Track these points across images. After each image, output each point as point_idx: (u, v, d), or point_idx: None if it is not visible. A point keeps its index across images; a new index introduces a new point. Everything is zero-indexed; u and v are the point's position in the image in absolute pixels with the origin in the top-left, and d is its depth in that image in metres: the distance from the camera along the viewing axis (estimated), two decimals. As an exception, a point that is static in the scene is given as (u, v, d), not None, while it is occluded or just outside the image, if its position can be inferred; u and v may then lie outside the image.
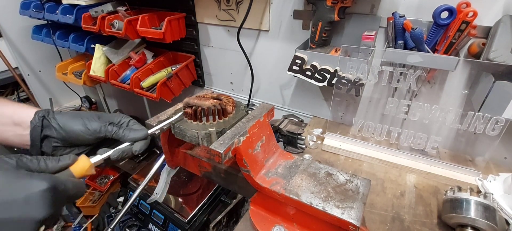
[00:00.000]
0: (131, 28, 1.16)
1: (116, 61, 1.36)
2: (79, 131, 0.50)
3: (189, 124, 0.56)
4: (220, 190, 1.30)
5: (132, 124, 0.54)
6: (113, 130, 0.51)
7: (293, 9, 1.00)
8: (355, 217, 0.47)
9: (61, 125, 0.49)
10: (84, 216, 1.78)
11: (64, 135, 0.49)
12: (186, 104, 0.57)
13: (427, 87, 0.86)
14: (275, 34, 1.10)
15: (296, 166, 0.59)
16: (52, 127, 0.49)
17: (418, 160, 0.82)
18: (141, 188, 0.58)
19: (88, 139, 0.51)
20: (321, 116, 1.15)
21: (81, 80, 1.55)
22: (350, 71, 0.80)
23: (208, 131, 0.54)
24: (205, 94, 0.60)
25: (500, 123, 0.66)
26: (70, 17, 1.31)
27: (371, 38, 0.80)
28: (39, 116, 0.50)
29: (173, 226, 1.21)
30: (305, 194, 0.52)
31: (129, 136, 0.51)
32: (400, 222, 0.66)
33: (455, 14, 0.69)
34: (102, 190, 1.76)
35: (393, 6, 0.84)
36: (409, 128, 0.82)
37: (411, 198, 0.73)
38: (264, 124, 0.60)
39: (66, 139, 0.50)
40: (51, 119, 0.50)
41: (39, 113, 0.50)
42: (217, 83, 1.43)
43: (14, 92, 1.96)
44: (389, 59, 0.78)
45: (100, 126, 0.51)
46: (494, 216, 0.57)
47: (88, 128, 0.50)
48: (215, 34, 1.26)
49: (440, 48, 0.76)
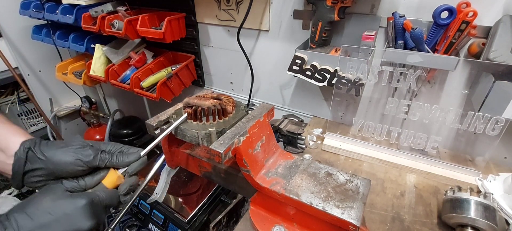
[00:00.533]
0: (131, 28, 1.16)
1: (116, 61, 1.36)
2: (69, 162, 0.47)
3: (189, 124, 0.56)
4: (220, 190, 1.30)
5: (126, 149, 0.54)
6: (107, 158, 0.51)
7: (293, 9, 1.00)
8: (355, 217, 0.47)
9: (48, 156, 0.47)
10: (84, 216, 1.78)
11: (51, 168, 0.47)
12: (186, 104, 0.57)
13: (427, 87, 0.86)
14: (275, 34, 1.10)
15: (296, 166, 0.59)
16: (38, 160, 0.47)
17: (418, 160, 0.82)
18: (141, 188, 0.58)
19: (78, 170, 0.49)
20: (321, 116, 1.15)
21: (81, 80, 1.55)
22: (350, 71, 0.80)
23: (208, 131, 0.54)
24: (205, 94, 0.60)
25: (500, 122, 0.66)
26: (70, 17, 1.31)
27: (371, 38, 0.80)
28: (25, 147, 0.47)
29: (173, 226, 1.21)
30: (305, 194, 0.52)
31: (124, 161, 0.52)
32: (400, 222, 0.66)
33: (455, 14, 0.69)
34: (102, 190, 1.76)
35: (393, 6, 0.84)
36: (409, 127, 0.82)
37: (411, 198, 0.73)
38: (264, 123, 0.60)
39: (53, 172, 0.48)
40: (37, 151, 0.47)
41: (25, 144, 0.47)
42: (217, 83, 1.43)
43: (14, 92, 1.95)
44: (389, 59, 0.78)
45: (93, 155, 0.49)
46: (494, 216, 0.57)
47: (81, 158, 0.48)
48: (215, 34, 1.26)
49: (440, 48, 0.76)
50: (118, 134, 1.80)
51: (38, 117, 2.08)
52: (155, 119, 0.59)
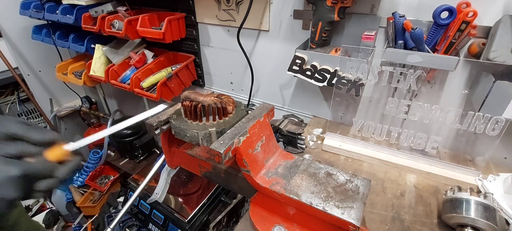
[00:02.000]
0: (131, 28, 1.16)
1: (116, 61, 1.36)
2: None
3: (189, 124, 0.56)
4: (220, 190, 1.30)
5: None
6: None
7: (293, 9, 1.00)
8: (355, 217, 0.47)
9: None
10: (84, 216, 1.78)
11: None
12: (186, 98, 0.57)
13: (427, 87, 0.86)
14: (275, 34, 1.10)
15: (296, 166, 0.59)
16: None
17: (418, 160, 0.82)
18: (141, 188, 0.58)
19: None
20: (321, 116, 1.15)
21: (81, 80, 1.55)
22: (350, 71, 0.80)
23: (208, 131, 0.54)
24: (206, 94, 0.60)
25: (500, 122, 0.66)
26: (70, 17, 1.31)
27: (371, 38, 0.80)
28: None
29: (173, 226, 1.21)
30: (305, 194, 0.52)
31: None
32: (400, 222, 0.66)
33: (455, 14, 0.69)
34: (102, 190, 1.76)
35: (393, 6, 0.84)
36: (409, 128, 0.82)
37: (411, 198, 0.73)
38: (264, 124, 0.60)
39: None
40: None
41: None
42: (217, 83, 1.43)
43: (14, 93, 1.95)
44: (389, 59, 0.78)
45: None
46: (494, 216, 0.57)
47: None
48: (215, 34, 1.26)
49: (440, 48, 0.76)
50: (118, 134, 1.80)
51: (38, 117, 2.08)
52: (155, 118, 0.59)
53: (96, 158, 1.86)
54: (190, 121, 0.57)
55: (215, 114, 0.56)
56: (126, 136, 1.76)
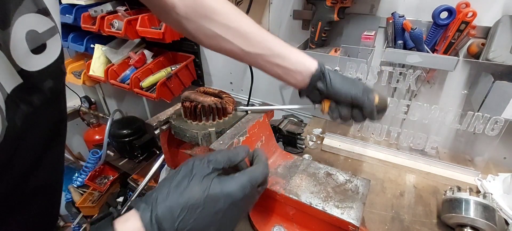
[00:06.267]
0: (131, 28, 1.16)
1: (116, 61, 1.36)
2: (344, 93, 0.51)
3: (188, 124, 0.56)
4: (219, 190, 1.30)
5: None
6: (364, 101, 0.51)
7: (293, 9, 1.00)
8: (355, 217, 0.47)
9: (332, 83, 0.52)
10: (83, 216, 1.78)
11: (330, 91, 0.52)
12: (186, 99, 0.57)
13: (426, 87, 0.86)
14: (274, 34, 1.10)
15: (295, 166, 0.59)
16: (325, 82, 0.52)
17: (417, 160, 0.82)
18: (141, 188, 0.58)
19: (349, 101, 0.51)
20: (320, 116, 1.15)
21: (80, 80, 1.54)
22: (349, 71, 0.80)
23: (208, 131, 0.54)
24: (205, 89, 0.60)
25: (500, 122, 0.66)
26: (69, 16, 1.31)
27: (371, 38, 0.80)
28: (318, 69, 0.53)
29: (172, 226, 1.21)
30: (304, 194, 0.52)
31: None
32: (399, 222, 0.66)
33: (455, 14, 0.69)
34: (101, 190, 1.76)
35: (392, 6, 0.84)
36: (409, 127, 0.82)
37: (411, 198, 0.73)
38: (264, 124, 0.60)
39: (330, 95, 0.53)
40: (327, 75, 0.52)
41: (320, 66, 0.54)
42: (216, 83, 1.42)
43: (14, 92, 1.95)
44: (388, 59, 0.78)
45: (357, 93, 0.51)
46: (493, 216, 0.57)
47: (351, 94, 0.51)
48: (215, 34, 1.26)
49: (440, 48, 0.76)
50: (117, 134, 1.79)
51: (38, 117, 2.08)
52: (155, 119, 0.59)
53: (96, 158, 1.85)
54: (190, 121, 0.57)
55: (215, 114, 0.56)
56: (126, 136, 1.76)
